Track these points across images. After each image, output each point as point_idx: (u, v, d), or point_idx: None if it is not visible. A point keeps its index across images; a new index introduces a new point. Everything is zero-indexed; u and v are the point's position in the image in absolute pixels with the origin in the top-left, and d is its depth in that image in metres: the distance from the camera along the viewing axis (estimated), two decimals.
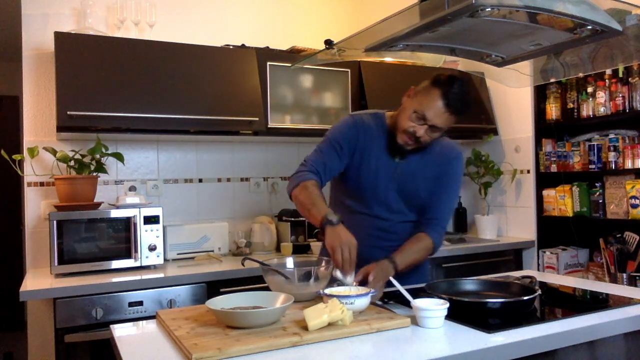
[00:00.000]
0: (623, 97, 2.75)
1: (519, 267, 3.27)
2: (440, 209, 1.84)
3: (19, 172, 2.48)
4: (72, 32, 2.56)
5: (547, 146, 3.19)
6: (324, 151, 1.79)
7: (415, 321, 1.38)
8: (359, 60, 3.09)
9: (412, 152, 1.78)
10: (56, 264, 2.30)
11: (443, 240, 1.87)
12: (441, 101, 1.64)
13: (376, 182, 1.80)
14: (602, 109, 2.85)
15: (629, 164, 2.74)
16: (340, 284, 1.56)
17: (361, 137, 1.79)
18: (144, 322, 1.54)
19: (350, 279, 1.54)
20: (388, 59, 3.16)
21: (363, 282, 1.58)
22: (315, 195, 1.66)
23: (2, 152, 2.41)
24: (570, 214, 3.01)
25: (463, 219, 3.69)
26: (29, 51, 2.70)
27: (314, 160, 1.77)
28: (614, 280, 2.72)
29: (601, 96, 2.84)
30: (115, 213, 2.43)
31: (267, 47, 3.03)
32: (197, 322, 1.38)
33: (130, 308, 2.24)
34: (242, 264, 1.87)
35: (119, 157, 2.55)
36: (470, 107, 1.70)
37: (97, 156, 2.51)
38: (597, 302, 1.69)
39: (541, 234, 3.22)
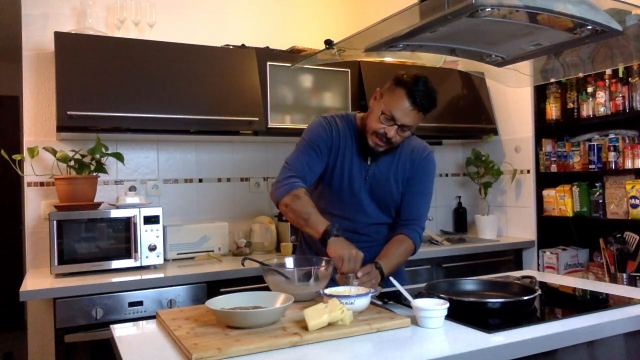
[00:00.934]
0: (623, 97, 2.75)
1: (519, 267, 3.27)
2: (417, 209, 1.85)
3: (19, 172, 2.48)
4: (72, 32, 2.56)
5: (547, 146, 3.19)
6: (304, 153, 1.78)
7: (415, 321, 1.38)
8: (359, 60, 3.09)
9: (383, 153, 1.78)
10: (56, 264, 2.30)
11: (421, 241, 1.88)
12: (407, 100, 1.65)
13: (349, 184, 1.80)
14: (602, 109, 2.85)
15: (629, 164, 2.74)
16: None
17: (335, 139, 1.80)
18: (144, 322, 1.54)
19: (354, 283, 1.57)
20: (388, 59, 3.16)
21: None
22: (309, 205, 1.67)
23: (2, 152, 2.41)
24: (570, 214, 3.01)
25: (463, 219, 3.69)
26: (29, 51, 2.70)
27: (296, 163, 1.77)
28: (614, 280, 2.72)
29: (601, 96, 2.84)
30: (115, 213, 2.43)
31: (267, 47, 3.03)
32: (197, 322, 1.38)
33: (130, 308, 2.24)
34: (242, 264, 1.87)
35: (119, 157, 2.55)
36: (436, 104, 1.71)
37: (97, 156, 2.51)
38: (597, 302, 1.69)
39: (541, 234, 3.22)
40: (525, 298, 1.49)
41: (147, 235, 2.47)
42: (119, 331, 1.41)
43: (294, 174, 1.74)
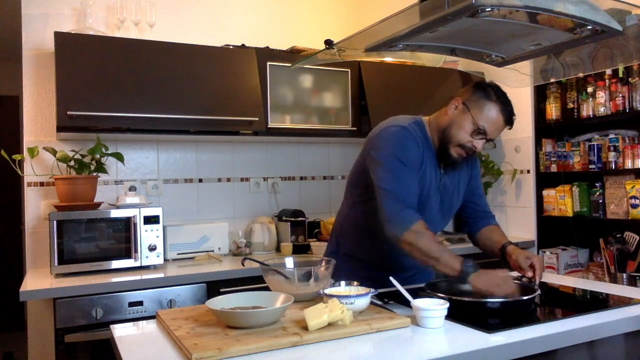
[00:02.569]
0: (623, 97, 2.75)
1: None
2: (484, 200, 1.98)
3: (19, 172, 2.48)
4: (72, 32, 2.56)
5: (547, 146, 3.19)
6: (402, 176, 1.64)
7: (415, 321, 1.38)
8: (359, 60, 3.09)
9: (459, 164, 1.78)
10: (56, 264, 2.30)
11: None
12: (502, 117, 1.64)
13: (428, 192, 1.73)
14: (602, 109, 2.85)
15: (629, 164, 2.73)
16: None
17: (420, 150, 1.70)
18: (144, 322, 1.54)
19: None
20: (388, 59, 3.16)
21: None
22: (435, 242, 1.61)
23: (2, 152, 2.41)
24: (570, 214, 3.01)
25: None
26: (29, 51, 2.70)
27: (402, 190, 1.63)
28: (614, 280, 2.72)
29: (601, 96, 2.84)
30: (115, 213, 2.43)
31: (267, 47, 3.03)
32: (197, 322, 1.38)
33: (130, 308, 2.24)
34: (242, 264, 1.87)
35: (119, 157, 2.55)
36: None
37: (97, 156, 2.51)
38: (597, 302, 1.69)
39: (541, 234, 3.22)
40: (525, 298, 1.49)
41: (147, 235, 2.47)
42: (119, 331, 1.41)
43: (405, 205, 1.62)
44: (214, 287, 2.39)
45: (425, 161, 1.71)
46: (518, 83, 2.15)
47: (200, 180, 3.08)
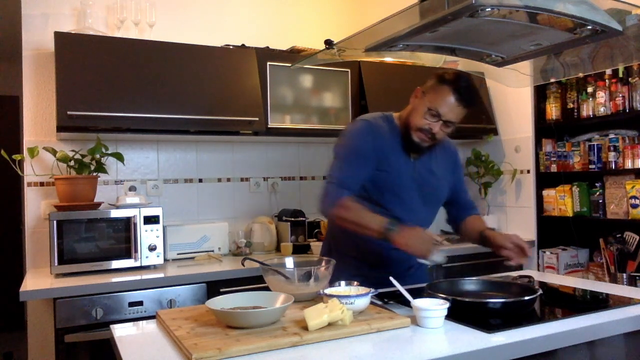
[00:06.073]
0: (623, 97, 2.75)
1: (519, 267, 3.26)
2: (467, 193, 2.08)
3: (19, 172, 2.48)
4: (72, 32, 2.56)
5: (547, 146, 3.19)
6: (347, 162, 1.77)
7: (415, 321, 1.38)
8: (359, 60, 3.09)
9: (427, 149, 1.83)
10: (56, 264, 2.30)
11: None
12: (453, 96, 1.70)
13: (400, 181, 1.81)
14: (602, 109, 2.85)
15: (629, 164, 2.74)
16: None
17: (379, 141, 1.79)
18: (144, 322, 1.54)
19: (438, 257, 1.59)
20: (388, 59, 3.16)
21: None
22: (360, 210, 1.70)
23: (2, 152, 2.41)
24: (570, 214, 3.01)
25: None
26: (29, 51, 2.70)
27: (341, 175, 1.76)
28: (614, 280, 2.72)
29: (601, 96, 2.84)
30: (115, 213, 2.43)
31: (267, 47, 3.03)
32: (197, 322, 1.38)
33: (130, 308, 2.24)
34: (242, 264, 1.87)
35: (119, 157, 2.55)
36: (479, 98, 1.77)
37: (97, 156, 2.51)
38: (597, 302, 1.69)
39: (541, 234, 3.22)
40: (527, 298, 1.48)
41: (147, 235, 2.47)
42: (119, 331, 1.41)
43: (338, 186, 1.74)
44: (214, 287, 2.39)
45: (389, 150, 1.80)
46: (518, 83, 2.15)
47: (200, 180, 3.08)
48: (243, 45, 2.95)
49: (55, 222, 2.30)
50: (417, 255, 1.63)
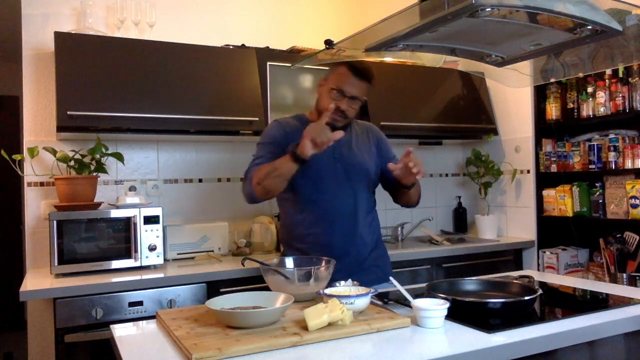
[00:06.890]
0: (623, 97, 2.75)
1: (519, 267, 3.27)
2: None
3: (19, 172, 2.48)
4: (72, 32, 2.56)
5: (547, 146, 3.19)
6: (261, 154, 1.94)
7: (415, 321, 1.38)
8: (358, 60, 3.09)
9: (341, 129, 1.89)
10: (56, 264, 2.30)
11: None
12: (350, 71, 1.89)
13: (320, 160, 1.87)
14: (602, 109, 2.85)
15: (629, 164, 2.74)
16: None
17: (290, 137, 1.92)
18: (144, 322, 1.55)
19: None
20: (388, 59, 3.14)
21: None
22: (267, 164, 1.84)
23: (2, 152, 2.41)
24: (570, 214, 3.01)
25: (463, 219, 3.69)
26: (29, 51, 2.70)
27: (252, 163, 1.93)
28: (614, 280, 2.72)
29: (601, 96, 2.84)
30: (115, 213, 2.43)
31: (267, 47, 3.03)
32: (197, 322, 1.38)
33: (130, 308, 2.24)
34: (242, 264, 1.87)
35: (119, 157, 2.55)
36: (372, 72, 1.93)
37: (97, 156, 2.51)
38: (597, 302, 1.69)
39: (541, 234, 3.22)
40: (527, 298, 1.49)
41: (147, 235, 2.47)
42: (119, 331, 1.41)
43: (251, 168, 1.92)
44: (214, 287, 2.38)
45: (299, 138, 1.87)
46: (518, 83, 2.15)
47: (200, 180, 3.08)
48: (243, 45, 2.95)
49: (55, 222, 2.30)
50: (315, 140, 1.69)
